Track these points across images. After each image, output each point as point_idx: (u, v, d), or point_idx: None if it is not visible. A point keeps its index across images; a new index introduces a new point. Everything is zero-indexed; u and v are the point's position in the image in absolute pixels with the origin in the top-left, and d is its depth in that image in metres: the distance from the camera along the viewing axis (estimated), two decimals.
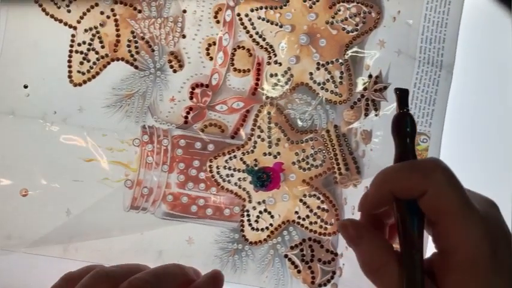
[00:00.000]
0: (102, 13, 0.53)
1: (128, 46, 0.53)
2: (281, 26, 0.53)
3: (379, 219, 0.39)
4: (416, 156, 0.38)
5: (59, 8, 0.52)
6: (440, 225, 0.35)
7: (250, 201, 0.54)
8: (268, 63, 0.53)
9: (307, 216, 0.54)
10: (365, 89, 0.53)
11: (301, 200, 0.54)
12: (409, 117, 0.38)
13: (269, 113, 0.54)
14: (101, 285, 0.38)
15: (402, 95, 0.39)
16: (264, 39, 0.53)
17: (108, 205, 0.53)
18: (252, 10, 0.53)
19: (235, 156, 0.54)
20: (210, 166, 0.54)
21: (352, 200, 0.53)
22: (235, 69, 0.54)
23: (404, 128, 0.38)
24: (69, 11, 0.52)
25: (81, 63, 0.53)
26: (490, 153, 0.56)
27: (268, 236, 0.54)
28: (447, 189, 0.34)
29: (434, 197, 0.34)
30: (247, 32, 0.53)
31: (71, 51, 0.53)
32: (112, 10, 0.53)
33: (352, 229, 0.38)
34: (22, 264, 0.52)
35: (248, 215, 0.54)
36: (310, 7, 0.53)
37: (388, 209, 0.38)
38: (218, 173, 0.54)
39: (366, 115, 0.53)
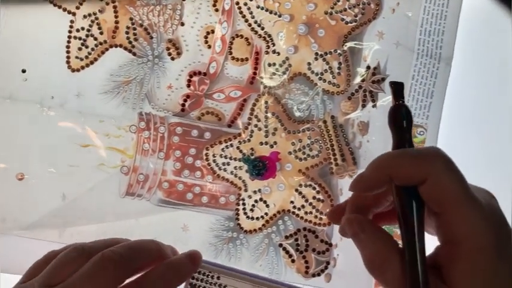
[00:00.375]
0: None
1: (127, 33, 0.53)
2: (280, 16, 0.53)
3: (365, 207, 0.39)
4: (414, 146, 0.38)
5: None
6: (444, 214, 0.34)
7: (246, 190, 0.54)
8: (267, 53, 0.53)
9: (303, 206, 0.54)
10: (363, 80, 0.53)
11: (296, 190, 0.54)
12: (405, 108, 0.38)
13: (266, 102, 0.54)
14: (76, 258, 0.38)
15: (397, 88, 0.39)
16: (262, 29, 0.53)
17: (104, 191, 0.53)
18: None
19: (231, 145, 0.54)
20: (207, 154, 0.54)
21: (347, 191, 0.53)
22: (233, 58, 0.54)
23: (400, 119, 0.38)
24: None
25: (80, 49, 0.53)
26: (488, 146, 0.56)
27: (263, 225, 0.54)
28: (448, 178, 0.34)
29: (435, 186, 0.34)
30: (246, 20, 0.53)
31: (69, 37, 0.53)
32: None
33: (356, 224, 0.37)
34: (16, 247, 0.52)
35: (244, 204, 0.54)
36: None
37: (379, 196, 0.38)
38: (214, 161, 0.54)
39: (363, 106, 0.53)
